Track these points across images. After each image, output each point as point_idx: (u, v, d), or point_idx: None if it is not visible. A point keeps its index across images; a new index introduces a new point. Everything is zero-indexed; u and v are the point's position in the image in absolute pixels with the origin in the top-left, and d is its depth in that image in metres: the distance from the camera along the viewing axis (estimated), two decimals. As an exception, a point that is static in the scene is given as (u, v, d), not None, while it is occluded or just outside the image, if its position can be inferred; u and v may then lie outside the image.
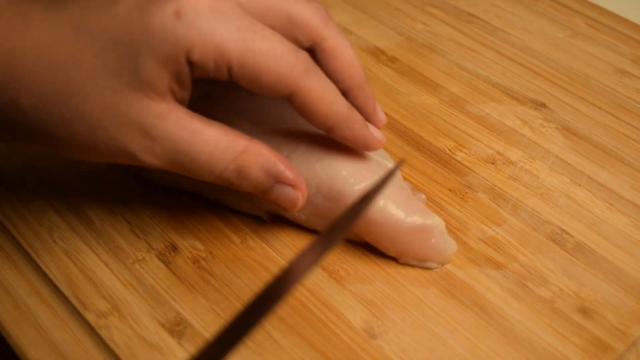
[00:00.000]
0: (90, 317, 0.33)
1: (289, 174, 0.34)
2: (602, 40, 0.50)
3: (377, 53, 0.48)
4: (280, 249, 0.37)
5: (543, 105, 0.45)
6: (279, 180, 0.34)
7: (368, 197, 0.32)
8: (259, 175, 0.33)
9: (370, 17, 0.51)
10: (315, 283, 0.35)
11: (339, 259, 0.36)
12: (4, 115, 0.31)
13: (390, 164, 0.37)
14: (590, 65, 0.48)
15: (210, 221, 0.38)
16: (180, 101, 0.32)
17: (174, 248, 0.37)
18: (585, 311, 0.34)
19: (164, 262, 0.36)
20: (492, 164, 0.41)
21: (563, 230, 0.38)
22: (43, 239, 0.37)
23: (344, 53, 0.34)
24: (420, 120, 0.44)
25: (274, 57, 0.31)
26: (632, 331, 0.33)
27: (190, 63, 0.31)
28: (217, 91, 0.39)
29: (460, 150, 0.42)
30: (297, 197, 0.34)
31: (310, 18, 0.33)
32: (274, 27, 0.32)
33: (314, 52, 0.34)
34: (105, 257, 0.36)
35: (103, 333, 0.33)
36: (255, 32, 0.31)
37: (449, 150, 0.42)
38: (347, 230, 0.31)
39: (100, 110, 0.31)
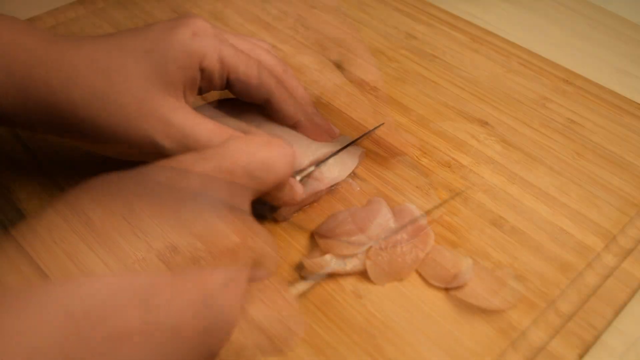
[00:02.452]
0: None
1: None
2: (530, 74, 0.50)
3: (362, 84, 0.48)
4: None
5: (486, 123, 0.45)
6: None
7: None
8: None
9: (358, 57, 0.51)
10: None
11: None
12: (59, 108, 0.32)
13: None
14: (521, 93, 0.48)
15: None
16: (187, 103, 0.34)
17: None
18: (518, 278, 0.34)
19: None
20: (449, 167, 0.41)
21: (502, 217, 0.38)
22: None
23: (299, 90, 0.38)
24: (395, 135, 0.43)
25: (257, 69, 0.34)
26: (551, 292, 0.33)
27: (202, 70, 0.32)
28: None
29: (424, 157, 0.42)
30: None
31: (275, 65, 0.36)
32: None
33: None
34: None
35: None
36: (243, 53, 0.34)
37: (416, 157, 0.42)
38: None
39: (134, 104, 0.31)
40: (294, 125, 0.37)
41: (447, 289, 0.33)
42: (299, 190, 0.31)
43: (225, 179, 0.23)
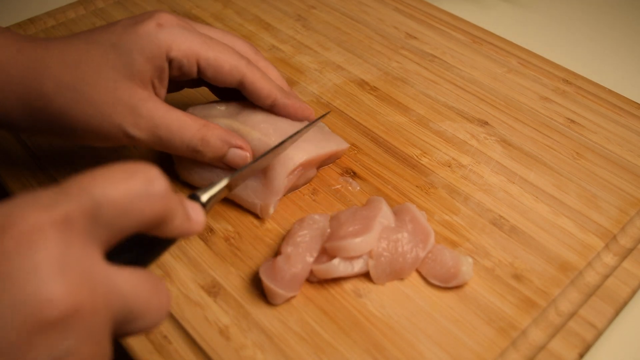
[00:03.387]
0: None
1: (238, 139, 0.35)
2: (529, 74, 0.50)
3: (362, 84, 0.48)
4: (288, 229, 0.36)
5: (486, 123, 0.45)
6: (231, 145, 0.35)
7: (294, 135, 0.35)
8: (217, 142, 0.35)
9: (357, 57, 0.51)
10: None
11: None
12: (34, 103, 0.32)
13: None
14: (521, 93, 0.48)
15: (237, 209, 0.38)
16: (157, 96, 0.34)
17: (211, 229, 0.37)
18: (517, 277, 0.34)
19: (203, 240, 0.36)
20: (449, 167, 0.41)
21: (501, 216, 0.38)
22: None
23: (272, 71, 0.38)
24: (395, 134, 0.44)
25: (228, 52, 0.34)
26: (552, 291, 0.33)
27: (170, 60, 0.33)
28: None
29: (424, 156, 0.42)
30: (246, 155, 0.35)
31: (247, 49, 0.37)
32: None
33: None
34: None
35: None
36: (212, 40, 0.34)
37: (416, 156, 0.42)
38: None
39: (104, 95, 0.32)
40: (271, 105, 0.36)
41: (447, 289, 0.33)
42: (197, 218, 0.24)
43: (58, 231, 0.18)
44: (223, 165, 0.36)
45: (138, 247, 0.22)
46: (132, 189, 0.20)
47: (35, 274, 0.17)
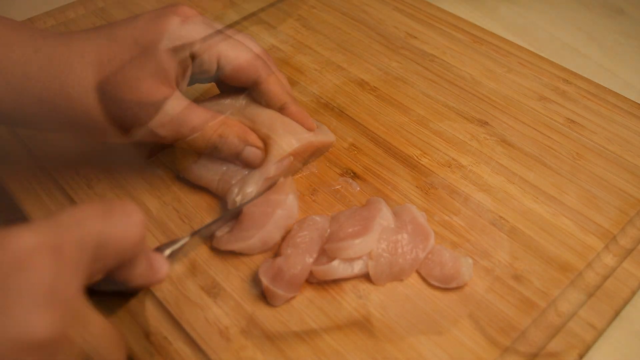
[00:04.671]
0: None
1: (254, 138, 0.36)
2: (529, 74, 0.50)
3: (362, 84, 0.48)
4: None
5: (486, 123, 0.45)
6: (247, 143, 0.35)
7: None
8: (234, 140, 0.35)
9: (358, 57, 0.51)
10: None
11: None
12: (54, 103, 0.31)
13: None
14: (521, 93, 0.48)
15: (238, 210, 0.38)
16: (180, 90, 0.34)
17: (211, 230, 0.36)
18: (517, 277, 0.34)
19: (203, 241, 0.36)
20: (448, 167, 0.41)
21: (501, 217, 0.38)
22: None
23: (282, 78, 0.38)
24: (395, 134, 0.43)
25: (246, 52, 0.34)
26: (552, 292, 0.33)
27: (192, 56, 0.32)
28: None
29: (424, 156, 0.42)
30: (260, 154, 0.36)
31: (260, 51, 0.36)
32: None
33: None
34: (160, 237, 0.36)
35: (158, 294, 0.33)
36: (231, 38, 0.34)
37: (416, 156, 0.42)
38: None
39: (128, 94, 0.31)
40: (281, 108, 0.37)
41: (447, 289, 0.33)
42: (161, 269, 0.26)
43: (50, 257, 0.18)
44: (239, 162, 0.36)
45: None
46: (114, 221, 0.22)
47: (27, 297, 0.18)
